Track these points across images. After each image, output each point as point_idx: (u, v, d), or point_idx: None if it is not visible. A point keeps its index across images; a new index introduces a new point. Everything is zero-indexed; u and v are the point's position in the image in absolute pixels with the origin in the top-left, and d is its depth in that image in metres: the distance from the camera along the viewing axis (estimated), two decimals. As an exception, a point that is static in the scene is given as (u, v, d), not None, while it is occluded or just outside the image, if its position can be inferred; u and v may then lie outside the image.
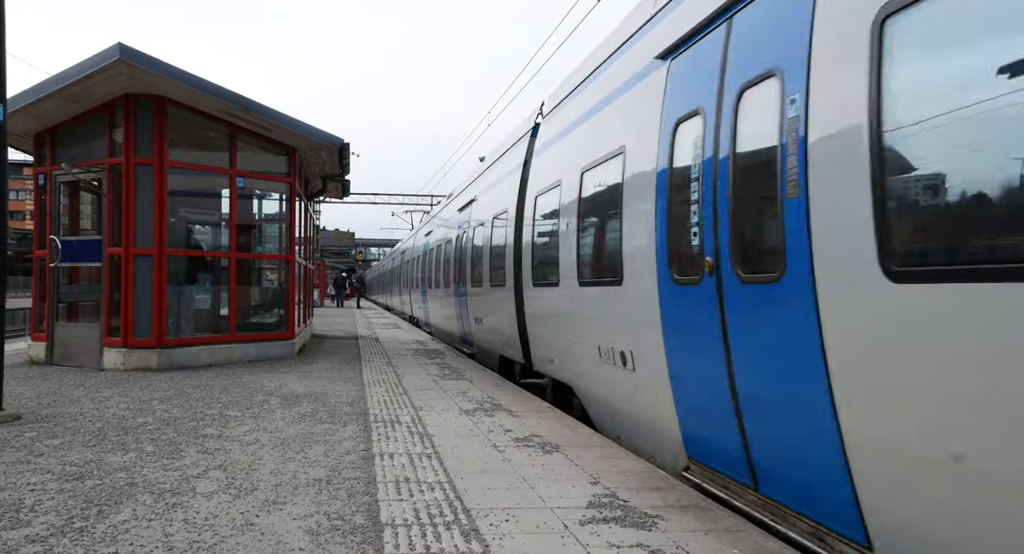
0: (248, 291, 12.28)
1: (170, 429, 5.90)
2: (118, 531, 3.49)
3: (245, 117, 10.12)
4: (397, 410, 6.92)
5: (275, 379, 8.96)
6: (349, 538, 3.45)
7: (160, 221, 9.66)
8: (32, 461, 4.82)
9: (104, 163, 9.76)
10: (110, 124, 9.88)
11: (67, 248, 10.02)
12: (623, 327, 5.68)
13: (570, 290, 6.94)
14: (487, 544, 3.37)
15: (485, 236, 11.19)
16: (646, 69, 5.47)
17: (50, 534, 3.44)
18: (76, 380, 8.60)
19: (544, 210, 7.98)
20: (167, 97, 9.67)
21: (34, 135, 10.59)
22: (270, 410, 6.83)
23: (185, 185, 10.72)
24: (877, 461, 3.02)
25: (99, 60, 8.66)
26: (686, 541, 3.45)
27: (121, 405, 6.97)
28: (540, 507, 3.95)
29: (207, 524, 3.61)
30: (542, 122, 8.93)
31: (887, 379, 2.91)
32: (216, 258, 11.23)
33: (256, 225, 12.76)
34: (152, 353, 9.59)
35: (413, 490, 4.23)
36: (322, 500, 4.04)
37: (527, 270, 8.55)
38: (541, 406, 7.32)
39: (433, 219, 20.60)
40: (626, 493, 4.23)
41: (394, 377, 9.41)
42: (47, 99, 9.17)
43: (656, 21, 5.49)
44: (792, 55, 3.56)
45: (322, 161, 12.72)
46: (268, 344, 11.20)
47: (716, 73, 4.33)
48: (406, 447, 5.35)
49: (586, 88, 7.12)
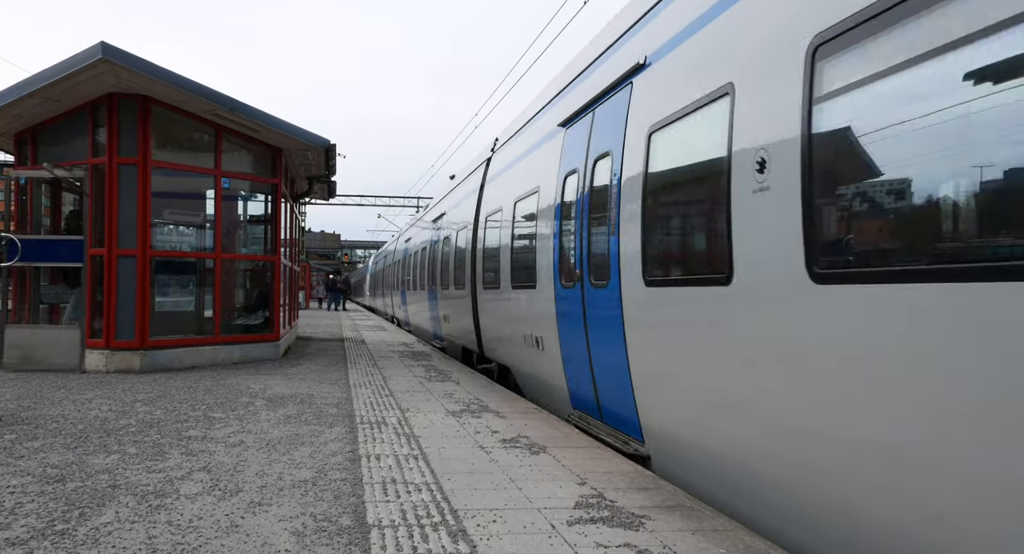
0: (233, 292, 12.18)
1: (153, 431, 5.83)
2: (100, 533, 3.45)
3: (231, 117, 10.04)
4: (383, 412, 6.89)
5: (260, 381, 8.90)
6: (336, 539, 3.43)
7: (144, 222, 9.56)
8: (12, 463, 4.75)
9: (87, 163, 9.65)
10: (93, 124, 9.77)
11: (30, 248, 9.61)
12: (537, 319, 7.46)
13: (506, 291, 8.75)
14: (474, 545, 3.36)
15: (451, 245, 12.92)
16: (552, 133, 7.34)
17: (31, 537, 3.39)
18: (58, 382, 8.49)
19: (491, 227, 9.82)
20: (151, 97, 9.59)
21: (15, 135, 10.45)
22: (255, 412, 6.78)
23: (170, 185, 10.63)
24: (646, 393, 5.05)
25: (81, 59, 8.56)
26: (673, 541, 3.46)
27: (103, 407, 6.88)
28: (527, 508, 3.94)
29: (191, 526, 3.57)
30: (492, 156, 10.66)
31: (647, 344, 4.96)
32: (200, 259, 11.13)
33: (241, 226, 12.67)
34: (135, 355, 9.48)
35: (400, 491, 4.22)
36: (308, 502, 4.01)
37: (480, 276, 10.31)
38: (528, 407, 7.32)
39: (412, 227, 22.39)
40: (613, 493, 4.23)
41: (380, 379, 9.37)
42: (28, 98, 9.04)
43: (560, 97, 7.39)
44: (616, 143, 5.48)
45: (308, 162, 12.65)
46: (253, 346, 11.11)
47: (585, 144, 6.22)
48: (393, 449, 5.33)
49: (519, 136, 9.05)
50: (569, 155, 6.58)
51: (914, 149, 2.70)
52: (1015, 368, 2.26)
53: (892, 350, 2.77)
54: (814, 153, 3.19)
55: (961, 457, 2.50)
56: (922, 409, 2.65)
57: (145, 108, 9.57)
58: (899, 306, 2.71)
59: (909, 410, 2.70)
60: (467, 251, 11.29)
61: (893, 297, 2.74)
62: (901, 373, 2.72)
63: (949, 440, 2.55)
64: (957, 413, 2.51)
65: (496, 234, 9.42)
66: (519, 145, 8.86)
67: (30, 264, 9.90)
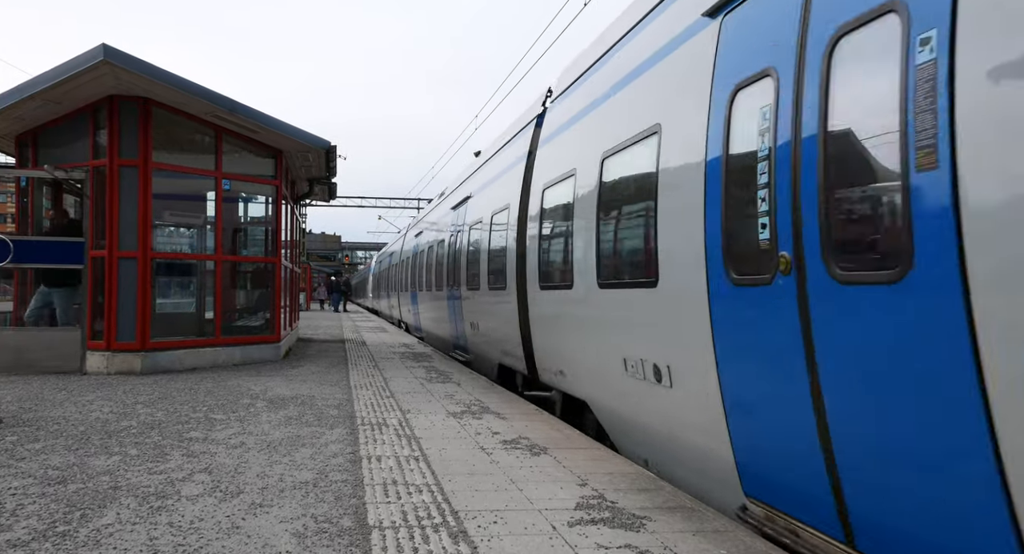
0: (234, 294, 12.19)
1: (154, 432, 5.84)
2: (102, 535, 3.45)
3: (231, 119, 10.05)
4: (384, 413, 6.90)
5: (261, 382, 8.90)
6: (336, 541, 3.43)
7: (144, 223, 9.56)
8: (13, 465, 4.75)
9: (88, 165, 9.66)
10: (94, 126, 9.77)
11: (26, 249, 9.40)
12: (662, 335, 5.29)
13: (586, 292, 6.50)
14: (475, 546, 3.36)
15: (482, 234, 10.53)
16: (692, 27, 4.69)
17: (32, 538, 3.40)
18: (59, 384, 8.50)
19: (553, 202, 7.53)
20: (152, 99, 9.60)
21: (16, 137, 10.46)
22: (256, 413, 6.79)
23: (170, 187, 10.63)
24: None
25: (82, 61, 8.57)
26: (674, 542, 3.46)
27: (104, 409, 6.89)
28: (528, 509, 3.95)
29: (192, 527, 3.58)
30: (547, 110, 8.49)
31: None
32: (201, 261, 11.14)
33: (242, 228, 12.68)
34: (136, 356, 9.49)
35: (401, 492, 4.22)
36: (309, 503, 4.01)
37: (533, 271, 8.03)
38: (528, 408, 7.32)
39: (424, 218, 19.38)
40: (614, 494, 4.23)
41: (381, 380, 9.37)
42: (28, 100, 9.04)
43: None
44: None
45: (309, 163, 12.66)
46: (254, 347, 11.11)
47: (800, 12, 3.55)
48: (393, 450, 5.33)
49: (611, 58, 6.52)
50: (742, 53, 3.98)
51: None
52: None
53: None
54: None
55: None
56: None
57: (146, 110, 9.58)
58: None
59: None
60: (509, 239, 8.88)
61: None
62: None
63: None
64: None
65: (562, 211, 7.03)
66: (610, 72, 6.29)
67: (20, 265, 9.62)
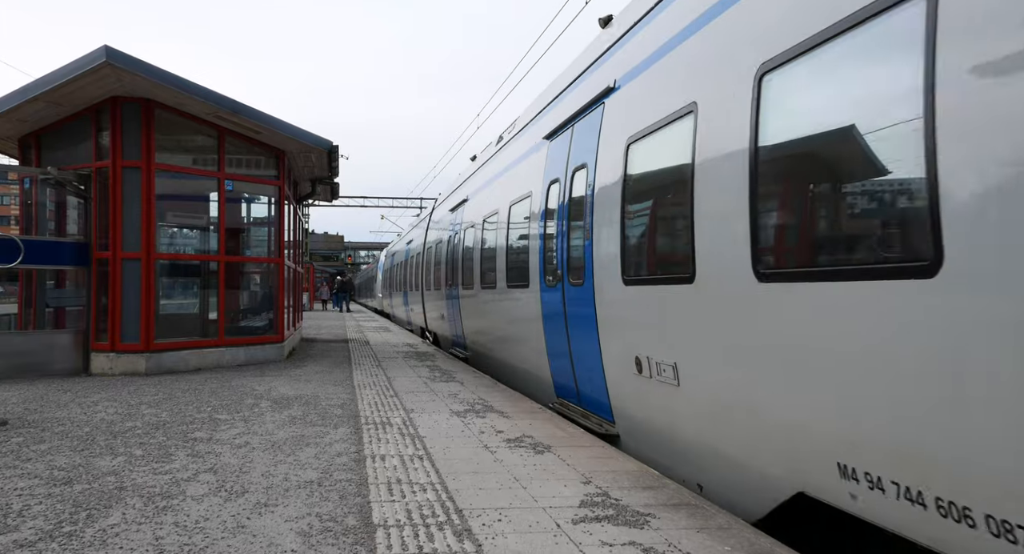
0: (237, 294, 12.21)
1: (159, 433, 5.86)
2: (107, 535, 3.46)
3: (233, 120, 10.07)
4: (388, 412, 6.91)
5: (265, 382, 8.92)
6: (341, 539, 3.44)
7: (148, 224, 9.59)
8: (19, 466, 4.77)
9: (91, 166, 9.69)
10: (96, 127, 9.80)
11: (33, 250, 9.29)
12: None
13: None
14: (480, 544, 3.37)
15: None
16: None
17: (39, 539, 3.41)
18: (64, 385, 8.53)
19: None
20: (154, 100, 9.62)
21: (19, 138, 10.49)
22: (260, 413, 6.80)
23: (173, 188, 10.65)
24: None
25: (85, 63, 8.59)
26: (678, 539, 3.46)
27: (109, 409, 6.91)
28: (532, 507, 3.95)
29: (198, 527, 3.59)
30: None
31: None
32: (205, 261, 11.16)
33: (245, 228, 12.70)
34: (140, 357, 9.51)
35: (405, 491, 4.23)
36: (314, 502, 4.02)
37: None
38: (533, 407, 7.32)
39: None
40: (618, 492, 4.24)
41: (384, 380, 9.38)
42: (31, 102, 9.09)
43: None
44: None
45: (311, 164, 12.68)
46: (257, 347, 11.13)
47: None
48: (397, 449, 5.34)
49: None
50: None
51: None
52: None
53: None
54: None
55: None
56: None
57: (148, 111, 9.60)
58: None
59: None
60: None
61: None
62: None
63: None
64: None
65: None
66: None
67: (25, 266, 9.57)
